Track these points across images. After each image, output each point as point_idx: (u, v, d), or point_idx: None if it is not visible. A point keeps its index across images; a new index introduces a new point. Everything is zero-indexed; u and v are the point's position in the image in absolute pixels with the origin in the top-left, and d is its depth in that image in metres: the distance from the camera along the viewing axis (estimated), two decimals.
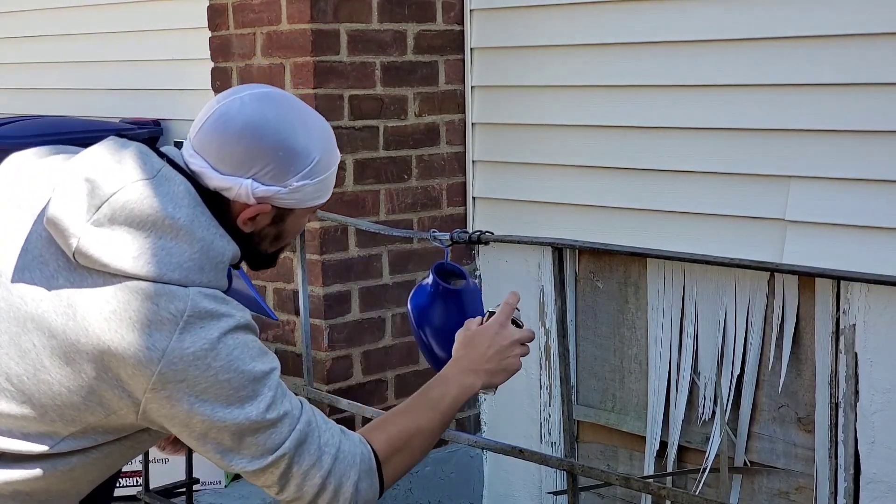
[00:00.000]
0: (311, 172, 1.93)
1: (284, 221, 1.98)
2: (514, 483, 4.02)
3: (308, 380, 3.24)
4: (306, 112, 1.97)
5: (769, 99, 3.24)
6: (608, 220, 3.62)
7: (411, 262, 3.88)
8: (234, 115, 1.89)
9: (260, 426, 1.87)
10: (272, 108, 1.91)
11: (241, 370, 1.84)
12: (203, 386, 1.82)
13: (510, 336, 2.14)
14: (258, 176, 1.89)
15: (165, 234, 1.83)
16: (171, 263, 1.82)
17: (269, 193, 1.91)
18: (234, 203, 1.91)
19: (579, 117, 3.68)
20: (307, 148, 1.92)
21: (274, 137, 1.89)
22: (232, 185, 1.89)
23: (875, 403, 3.11)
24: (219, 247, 1.88)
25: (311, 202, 1.97)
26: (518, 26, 3.79)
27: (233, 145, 1.88)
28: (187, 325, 1.80)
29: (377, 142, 3.78)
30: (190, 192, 1.87)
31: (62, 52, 5.09)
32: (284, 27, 3.68)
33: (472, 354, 2.13)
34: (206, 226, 1.87)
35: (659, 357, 3.57)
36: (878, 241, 3.05)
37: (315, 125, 1.96)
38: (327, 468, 1.92)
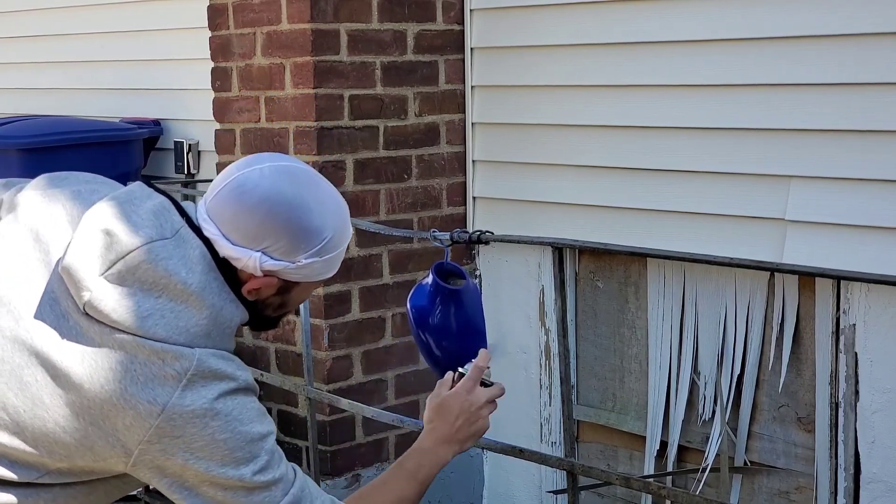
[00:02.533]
0: (322, 250, 1.91)
1: (289, 293, 1.97)
2: (514, 483, 4.02)
3: (308, 379, 3.24)
4: (323, 189, 1.94)
5: (769, 99, 3.24)
6: (608, 220, 3.62)
7: (411, 262, 3.88)
8: (252, 186, 1.87)
9: (254, 487, 1.87)
10: (290, 183, 1.89)
11: (239, 431, 1.85)
12: (199, 444, 1.83)
13: (477, 402, 2.14)
14: (268, 250, 1.88)
15: (176, 298, 1.83)
16: (179, 327, 1.83)
17: (277, 268, 1.90)
18: (241, 271, 1.90)
19: (579, 117, 3.68)
20: (320, 227, 1.90)
21: (288, 214, 1.87)
22: (241, 256, 1.88)
23: (875, 403, 3.11)
24: (228, 313, 1.89)
25: (318, 277, 1.96)
26: (518, 26, 3.79)
27: (247, 218, 1.87)
28: (190, 382, 1.81)
29: (377, 142, 3.78)
30: (205, 257, 1.87)
31: (62, 52, 5.09)
32: (284, 27, 3.68)
33: (442, 425, 2.14)
34: (218, 292, 1.87)
35: (659, 357, 3.57)
36: (878, 241, 3.05)
37: (331, 203, 1.94)
38: None
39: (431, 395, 2.18)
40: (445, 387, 2.19)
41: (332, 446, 3.75)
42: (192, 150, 4.43)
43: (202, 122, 4.24)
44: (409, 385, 3.93)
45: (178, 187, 4.20)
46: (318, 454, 3.36)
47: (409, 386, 3.93)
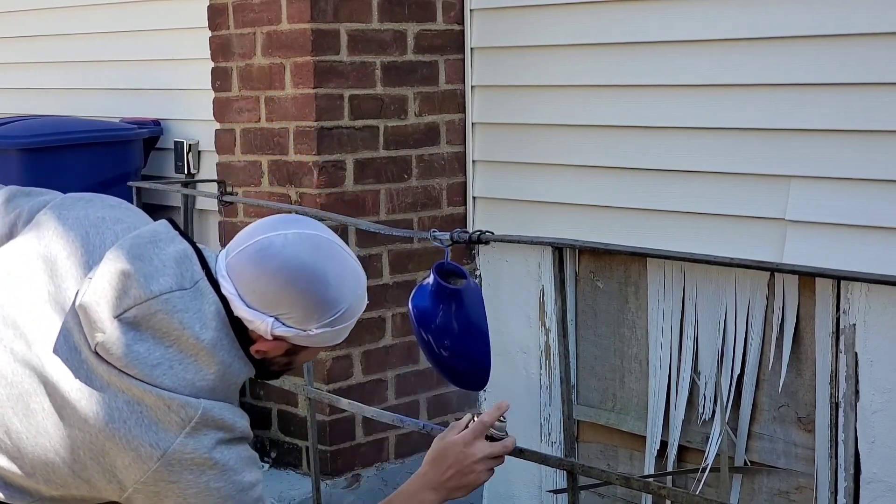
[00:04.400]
0: (334, 322, 1.94)
1: (297, 355, 2.00)
2: (514, 483, 4.02)
3: (308, 379, 3.24)
4: (345, 262, 1.95)
5: (769, 99, 3.24)
6: (608, 220, 3.62)
7: (411, 262, 3.88)
8: (275, 252, 1.87)
9: None
10: (312, 253, 1.89)
11: (233, 480, 1.88)
12: (193, 490, 1.85)
13: (474, 455, 2.13)
14: (282, 317, 1.89)
15: (187, 351, 1.85)
16: (186, 380, 1.84)
17: (289, 335, 1.91)
18: (253, 334, 1.92)
19: (579, 117, 3.68)
20: (337, 299, 1.92)
21: (307, 285, 1.88)
22: (255, 319, 1.88)
23: (875, 403, 3.11)
24: (236, 370, 1.91)
25: (327, 344, 1.99)
26: (518, 26, 3.79)
27: (265, 283, 1.87)
28: (194, 430, 1.83)
29: (377, 142, 3.78)
30: (220, 314, 1.88)
31: (62, 52, 5.09)
32: (284, 27, 3.68)
33: (433, 472, 2.14)
34: (228, 349, 1.89)
35: (659, 357, 3.57)
36: (878, 241, 3.05)
37: (350, 277, 1.95)
38: None
39: (439, 436, 2.18)
40: (455, 430, 2.17)
41: (332, 446, 3.75)
42: (192, 150, 4.43)
43: (202, 122, 4.24)
44: (409, 385, 3.93)
45: (178, 187, 4.20)
46: (318, 454, 3.36)
47: (409, 386, 3.93)
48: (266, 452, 3.95)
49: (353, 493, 3.78)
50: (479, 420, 2.17)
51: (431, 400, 3.98)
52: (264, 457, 3.96)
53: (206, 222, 4.41)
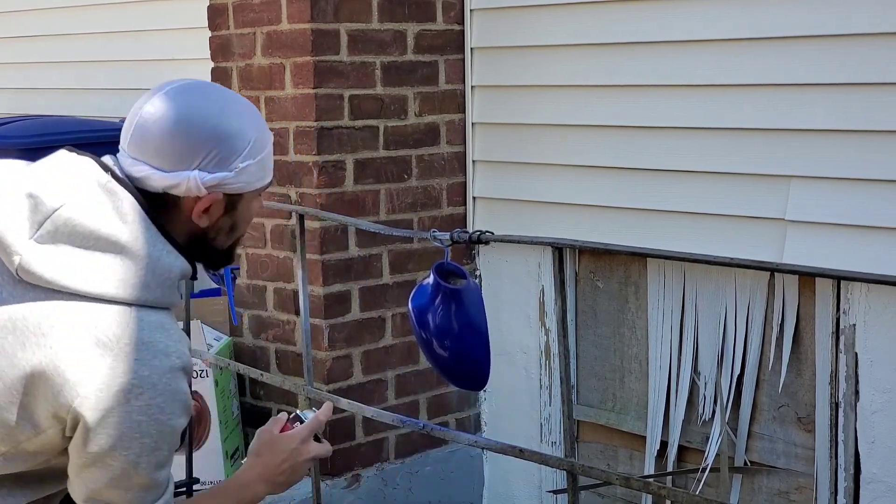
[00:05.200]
0: (252, 152, 1.92)
1: (236, 209, 1.97)
2: (514, 483, 4.02)
3: (308, 379, 3.24)
4: (230, 96, 1.98)
5: (769, 99, 3.24)
6: (608, 220, 3.62)
7: (411, 262, 3.88)
8: (163, 113, 1.88)
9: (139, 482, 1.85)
10: (198, 98, 1.91)
11: (156, 418, 1.82)
12: (114, 419, 1.79)
13: (308, 453, 2.15)
14: (203, 166, 1.88)
15: (109, 251, 1.82)
16: (116, 280, 1.81)
17: (218, 180, 1.89)
18: (184, 200, 1.90)
19: (579, 117, 3.68)
20: (242, 129, 1.91)
21: (208, 125, 1.88)
22: (179, 180, 1.87)
23: (875, 403, 3.11)
24: (166, 263, 1.87)
25: (257, 184, 1.96)
26: (518, 26, 3.79)
27: (171, 142, 1.87)
28: (122, 353, 1.79)
29: (377, 142, 3.78)
30: (135, 207, 1.85)
31: (62, 52, 5.09)
32: (284, 27, 3.68)
33: (268, 463, 2.12)
34: (153, 242, 1.86)
35: (659, 357, 3.57)
36: (878, 241, 3.05)
37: (243, 107, 1.96)
38: None
39: (263, 429, 2.16)
40: (278, 425, 2.16)
41: (332, 446, 3.74)
42: None
43: None
44: (409, 385, 3.93)
45: None
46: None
47: (409, 386, 3.93)
48: None
49: (353, 493, 3.78)
50: (315, 418, 2.19)
51: (431, 400, 3.98)
52: None
53: None
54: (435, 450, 3.97)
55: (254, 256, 3.90)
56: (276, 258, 3.84)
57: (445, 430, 3.32)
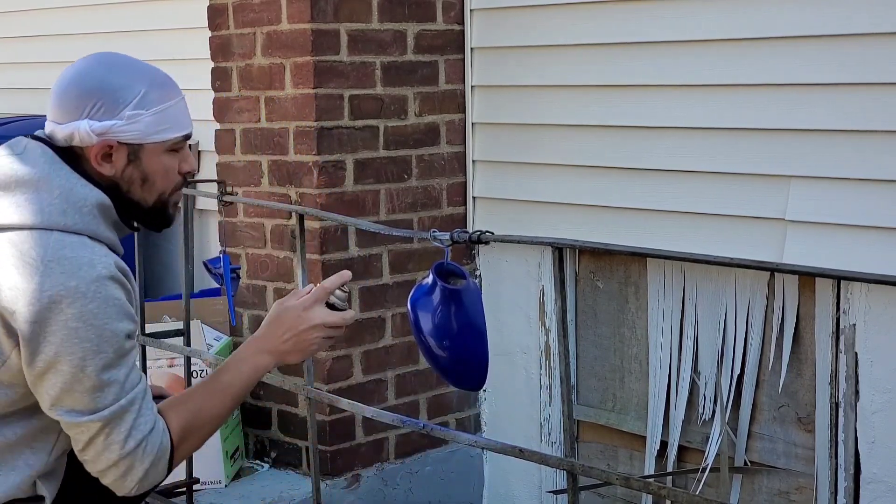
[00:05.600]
0: (142, 103, 2.12)
1: (141, 160, 2.14)
2: (514, 483, 4.02)
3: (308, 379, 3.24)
4: (134, 61, 2.20)
5: (769, 99, 3.24)
6: (608, 220, 3.62)
7: (411, 262, 3.88)
8: (64, 75, 2.16)
9: (91, 383, 2.00)
10: (95, 61, 2.17)
11: (91, 324, 1.98)
12: (52, 328, 1.97)
13: (311, 320, 2.20)
14: (91, 115, 2.09)
15: (28, 188, 2.04)
16: (33, 210, 2.02)
17: (106, 127, 2.09)
18: (86, 150, 2.10)
19: (579, 117, 3.68)
20: (129, 83, 2.12)
21: (94, 80, 2.12)
22: (72, 130, 2.09)
23: (875, 403, 3.11)
24: (79, 192, 2.06)
25: (157, 136, 2.14)
26: (518, 26, 3.79)
27: (64, 97, 2.12)
28: (47, 269, 1.98)
29: (377, 142, 3.78)
30: (46, 153, 2.09)
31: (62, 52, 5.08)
32: (284, 27, 3.68)
33: (270, 334, 2.22)
34: (65, 176, 2.07)
35: (659, 357, 3.57)
36: (878, 241, 3.05)
37: (141, 68, 2.18)
38: (129, 450, 2.04)
39: (279, 301, 2.26)
40: (295, 297, 2.24)
41: (332, 446, 3.75)
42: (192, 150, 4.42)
43: (202, 122, 4.23)
44: (409, 385, 3.93)
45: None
46: (318, 454, 3.36)
47: (409, 386, 3.93)
48: (266, 452, 3.96)
49: (353, 493, 3.78)
50: (319, 285, 2.22)
51: (431, 400, 3.98)
52: (264, 457, 3.96)
53: (207, 222, 4.41)
54: (435, 450, 3.97)
55: (254, 256, 3.90)
56: (276, 258, 3.84)
57: (445, 430, 3.32)
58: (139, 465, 2.05)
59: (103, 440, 2.03)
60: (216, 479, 3.76)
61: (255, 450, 3.98)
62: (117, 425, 2.03)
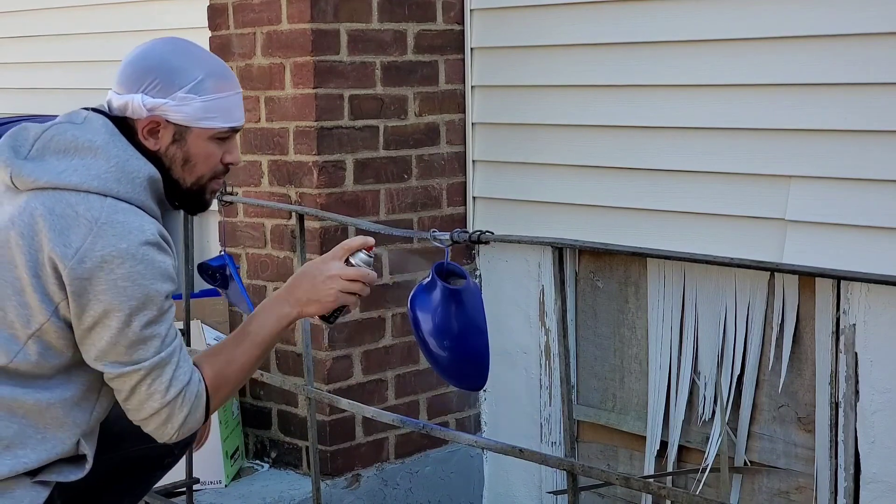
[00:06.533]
0: (197, 88, 2.23)
1: (186, 141, 2.26)
2: (514, 483, 4.02)
3: (308, 379, 3.24)
4: (201, 50, 2.30)
5: (769, 99, 3.24)
6: (608, 220, 3.62)
7: (411, 262, 3.88)
8: (134, 50, 2.29)
9: (135, 337, 2.14)
10: (165, 42, 2.29)
11: (139, 283, 2.12)
12: (102, 287, 2.10)
13: (327, 270, 2.30)
14: (147, 90, 2.22)
15: (86, 155, 2.17)
16: (91, 175, 2.14)
17: (157, 104, 2.22)
18: (137, 123, 2.23)
19: (579, 117, 3.68)
20: (189, 67, 2.23)
21: (157, 59, 2.25)
22: (127, 101, 2.23)
23: (875, 403, 3.11)
24: (134, 165, 2.19)
25: (205, 122, 2.25)
26: (518, 26, 3.79)
27: (126, 69, 2.26)
28: (101, 230, 2.11)
29: (377, 142, 3.78)
30: (107, 125, 2.22)
31: (63, 52, 5.09)
32: (284, 27, 3.68)
33: (292, 286, 2.33)
34: (122, 147, 2.20)
35: (659, 357, 3.57)
36: (878, 241, 3.05)
37: (205, 57, 2.29)
38: (169, 399, 2.18)
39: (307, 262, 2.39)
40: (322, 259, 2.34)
41: (332, 446, 3.75)
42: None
43: None
44: (409, 385, 3.92)
45: None
46: (318, 454, 3.36)
47: (409, 386, 3.93)
48: (266, 452, 3.96)
49: (353, 493, 3.78)
50: (343, 243, 2.31)
51: (431, 400, 3.98)
52: (264, 457, 3.96)
53: (206, 222, 4.41)
54: (435, 450, 3.97)
55: (254, 256, 3.90)
56: (276, 258, 3.84)
57: (445, 430, 3.32)
58: (179, 412, 2.18)
59: (146, 389, 2.16)
60: (216, 479, 3.77)
61: (255, 450, 3.98)
62: (159, 375, 2.16)
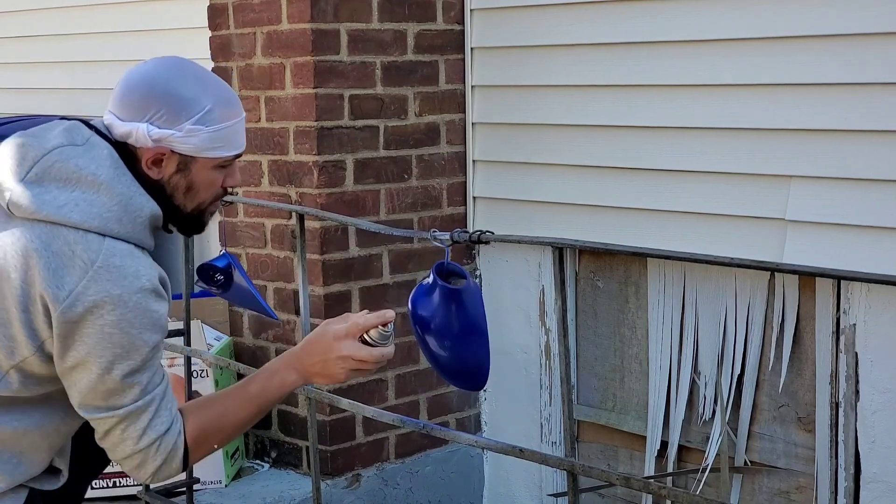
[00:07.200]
0: (204, 119, 2.14)
1: (190, 170, 2.18)
2: (514, 483, 4.02)
3: None
4: (205, 73, 2.21)
5: (769, 99, 3.24)
6: (608, 220, 3.62)
7: (411, 262, 3.88)
8: (135, 72, 2.18)
9: (113, 386, 2.08)
10: (168, 66, 2.18)
11: (126, 331, 2.05)
12: (89, 331, 2.04)
13: (340, 350, 2.21)
14: (153, 119, 2.13)
15: (88, 189, 2.07)
16: (92, 213, 2.06)
17: (164, 135, 2.13)
18: (139, 151, 2.15)
19: (579, 117, 3.68)
20: (197, 97, 2.14)
21: (165, 86, 2.14)
22: (132, 129, 2.13)
23: (875, 403, 3.11)
24: (137, 202, 2.11)
25: (211, 152, 2.17)
26: (518, 26, 3.79)
27: (131, 95, 2.15)
28: (96, 274, 2.03)
29: (377, 141, 3.78)
30: (112, 156, 2.12)
31: (63, 52, 5.09)
32: (284, 27, 3.68)
33: (303, 353, 2.25)
34: (127, 184, 2.11)
35: (659, 357, 3.57)
36: (878, 240, 3.05)
37: (211, 83, 2.19)
38: (142, 447, 2.13)
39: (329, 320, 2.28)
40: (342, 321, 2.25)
41: (332, 446, 3.75)
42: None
43: None
44: (409, 385, 3.93)
45: None
46: (318, 454, 3.36)
47: (409, 386, 3.93)
48: (266, 452, 3.96)
49: (353, 493, 3.78)
50: (354, 321, 2.23)
51: (431, 400, 3.98)
52: (264, 457, 3.96)
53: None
54: (435, 450, 3.97)
55: (254, 256, 3.90)
56: (276, 258, 3.84)
57: (445, 430, 3.32)
58: (152, 461, 2.14)
59: (119, 434, 2.12)
60: (216, 479, 3.77)
61: (256, 450, 3.98)
62: (133, 422, 2.11)
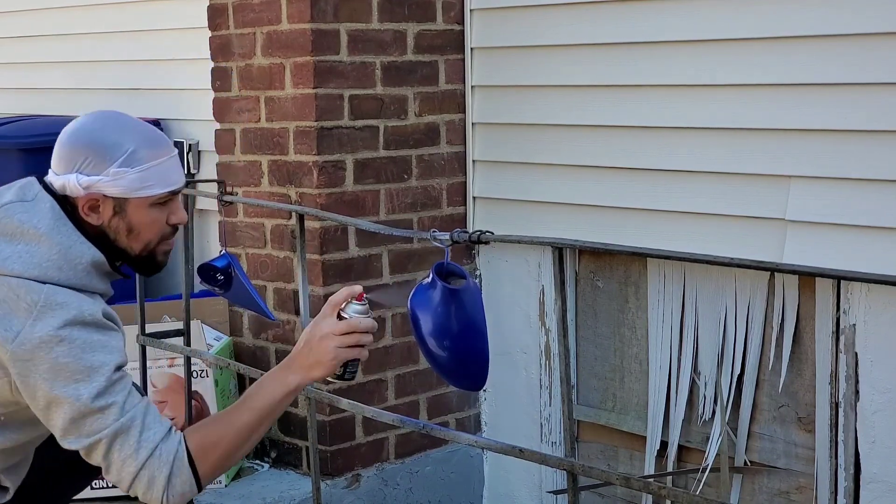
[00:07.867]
0: (129, 161, 2.28)
1: (126, 212, 2.32)
2: (514, 483, 4.02)
3: None
4: (130, 120, 2.36)
5: (769, 99, 3.24)
6: (608, 220, 3.62)
7: (411, 262, 3.88)
8: (67, 128, 2.33)
9: (88, 410, 2.18)
10: (95, 118, 2.34)
11: (79, 358, 2.18)
12: (46, 366, 2.17)
13: (320, 331, 2.28)
14: (81, 168, 2.28)
15: (31, 241, 2.24)
16: (33, 263, 2.22)
17: (93, 182, 2.27)
18: (77, 200, 2.29)
19: (579, 117, 3.68)
20: (119, 141, 2.28)
21: (87, 136, 2.30)
22: (64, 181, 2.29)
23: (875, 403, 3.11)
24: (77, 251, 2.26)
25: (142, 192, 2.30)
26: (518, 26, 3.79)
27: (61, 150, 2.31)
28: (40, 313, 2.18)
29: (377, 142, 3.78)
30: (54, 208, 2.28)
31: (63, 52, 5.09)
32: (284, 27, 3.68)
33: (294, 351, 2.31)
34: (67, 233, 2.27)
35: (659, 357, 3.57)
36: (878, 241, 3.05)
37: (131, 126, 2.34)
38: (142, 459, 2.19)
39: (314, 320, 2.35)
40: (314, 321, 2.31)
41: (332, 446, 3.75)
42: (192, 150, 4.43)
43: (202, 122, 4.24)
44: (409, 385, 3.93)
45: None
46: (318, 454, 3.36)
47: (409, 386, 3.93)
48: (266, 452, 3.96)
49: (353, 493, 3.78)
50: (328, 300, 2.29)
51: (431, 400, 3.98)
52: (264, 457, 3.96)
53: (207, 222, 4.42)
54: (435, 450, 3.97)
55: (254, 256, 3.90)
56: (276, 258, 3.84)
57: (445, 430, 3.32)
58: (159, 473, 2.19)
59: (117, 456, 2.19)
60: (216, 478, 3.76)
61: (255, 449, 3.98)
62: (125, 440, 2.18)
